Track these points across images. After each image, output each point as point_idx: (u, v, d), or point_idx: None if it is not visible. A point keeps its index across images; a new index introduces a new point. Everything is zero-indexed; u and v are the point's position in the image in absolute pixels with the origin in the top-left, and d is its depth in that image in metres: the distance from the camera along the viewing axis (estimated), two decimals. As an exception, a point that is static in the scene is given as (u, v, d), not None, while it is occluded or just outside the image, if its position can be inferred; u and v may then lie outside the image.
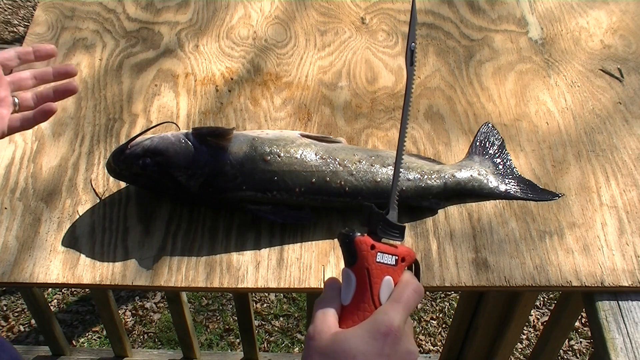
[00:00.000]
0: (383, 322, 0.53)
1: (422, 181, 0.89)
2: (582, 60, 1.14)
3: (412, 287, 0.56)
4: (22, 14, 3.04)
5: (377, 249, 0.57)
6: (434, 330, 1.92)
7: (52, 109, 0.76)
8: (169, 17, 1.21)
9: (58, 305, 1.97)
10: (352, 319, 0.55)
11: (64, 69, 0.81)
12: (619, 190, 0.94)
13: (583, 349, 1.88)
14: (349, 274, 0.57)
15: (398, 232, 0.61)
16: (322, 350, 0.53)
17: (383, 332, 0.52)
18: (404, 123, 0.66)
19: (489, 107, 1.05)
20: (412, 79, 0.66)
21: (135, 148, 0.86)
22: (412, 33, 0.67)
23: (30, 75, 0.79)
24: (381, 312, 0.54)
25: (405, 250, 0.59)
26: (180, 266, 0.85)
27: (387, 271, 0.57)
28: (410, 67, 0.66)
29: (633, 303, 0.83)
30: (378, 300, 0.56)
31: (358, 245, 0.56)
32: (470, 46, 1.16)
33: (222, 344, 1.88)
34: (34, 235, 0.87)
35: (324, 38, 1.17)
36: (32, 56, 0.80)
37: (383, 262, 0.57)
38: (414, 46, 0.66)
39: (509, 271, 0.84)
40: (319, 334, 0.54)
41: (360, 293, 0.56)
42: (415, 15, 0.68)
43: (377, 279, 0.56)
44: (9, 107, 0.76)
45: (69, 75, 0.81)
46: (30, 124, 0.77)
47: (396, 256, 0.58)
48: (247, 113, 1.04)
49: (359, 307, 0.55)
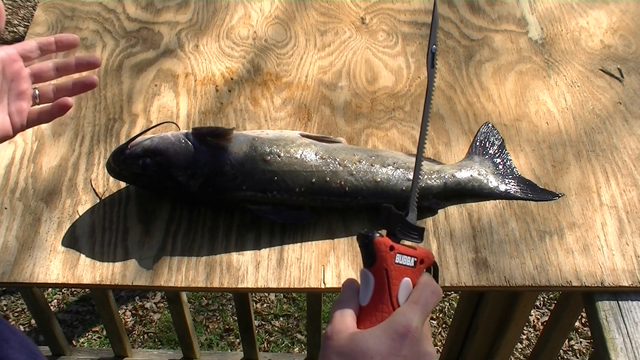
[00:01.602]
0: (401, 323, 0.53)
1: (422, 181, 0.89)
2: (582, 60, 1.14)
3: (431, 289, 0.56)
4: (22, 14, 3.04)
5: (396, 250, 0.56)
6: (434, 330, 1.92)
7: (68, 103, 0.74)
8: (169, 17, 1.21)
9: (58, 305, 1.97)
10: (370, 320, 0.55)
11: (86, 59, 0.78)
12: (619, 190, 0.94)
13: (583, 349, 1.88)
14: (367, 274, 0.56)
15: (417, 234, 0.61)
16: (340, 350, 0.52)
17: (401, 332, 0.52)
18: (424, 125, 0.65)
19: (489, 107, 1.05)
20: (433, 81, 0.66)
21: (135, 148, 0.86)
22: (433, 35, 0.66)
23: (52, 67, 0.77)
24: (399, 313, 0.54)
25: (424, 252, 0.59)
26: (180, 266, 0.85)
27: (405, 273, 0.57)
28: (432, 70, 0.66)
29: (633, 303, 0.83)
30: (396, 301, 0.55)
31: (377, 246, 0.56)
32: (470, 46, 1.16)
33: (222, 344, 1.88)
34: (34, 235, 0.87)
35: (324, 38, 1.17)
36: (53, 47, 0.77)
37: (402, 264, 0.56)
38: (434, 48, 0.66)
39: (509, 271, 0.84)
40: (337, 334, 0.53)
41: (378, 294, 0.55)
42: (437, 18, 0.67)
43: (395, 280, 0.56)
44: (29, 100, 0.74)
45: (92, 66, 0.78)
46: (48, 118, 0.75)
47: (415, 258, 0.58)
48: (247, 113, 1.04)
49: (377, 308, 0.55)
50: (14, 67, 0.72)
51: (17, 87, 0.73)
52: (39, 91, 0.76)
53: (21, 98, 0.73)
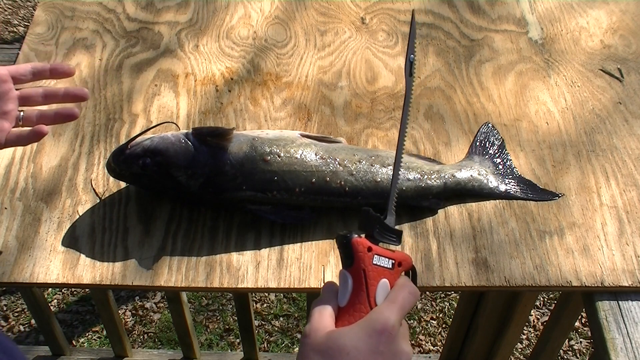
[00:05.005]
0: (378, 320, 0.53)
1: (422, 181, 0.89)
2: (582, 60, 1.14)
3: (409, 290, 0.57)
4: (22, 14, 3.05)
5: (373, 251, 0.57)
6: (434, 330, 1.92)
7: (43, 131, 0.76)
8: (169, 17, 1.21)
9: (58, 305, 1.97)
10: (348, 320, 0.55)
11: (75, 92, 0.80)
12: (619, 190, 0.94)
13: (583, 349, 1.88)
14: (345, 275, 0.57)
15: (395, 237, 0.62)
16: (317, 347, 0.53)
17: (378, 330, 0.53)
18: (402, 132, 0.66)
19: (489, 107, 1.05)
20: (411, 89, 0.67)
21: (135, 148, 0.86)
22: (411, 45, 0.68)
23: (41, 93, 0.79)
24: (377, 311, 0.55)
25: (402, 255, 0.60)
26: (180, 266, 0.85)
27: (383, 274, 0.57)
28: (410, 78, 0.68)
29: (633, 303, 0.83)
30: (374, 301, 0.56)
31: (355, 246, 0.57)
32: (470, 46, 1.16)
33: (222, 344, 1.88)
34: (34, 235, 0.87)
35: (324, 38, 1.17)
36: (47, 74, 0.80)
37: (380, 265, 0.57)
38: (413, 58, 0.68)
39: (509, 271, 0.84)
40: (315, 332, 0.54)
41: (356, 294, 0.56)
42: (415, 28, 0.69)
43: (373, 280, 0.56)
44: (12, 121, 0.77)
45: (79, 99, 0.81)
46: (24, 142, 0.77)
47: (393, 260, 0.58)
48: (247, 113, 1.04)
49: (355, 308, 0.56)
50: (3, 87, 0.76)
51: (3, 106, 0.76)
52: (24, 113, 0.78)
53: (4, 117, 0.76)
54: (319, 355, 0.52)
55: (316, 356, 0.52)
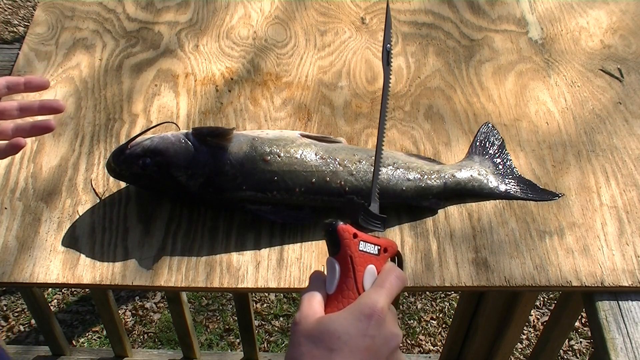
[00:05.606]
0: (367, 304, 0.54)
1: (422, 181, 0.89)
2: (582, 60, 1.14)
3: (395, 274, 0.58)
4: (22, 14, 3.05)
5: (359, 237, 0.58)
6: (434, 330, 1.92)
7: (21, 144, 0.75)
8: (169, 17, 1.21)
9: (58, 305, 1.97)
10: (337, 306, 0.56)
11: (50, 104, 0.79)
12: (619, 190, 0.94)
13: (583, 349, 1.88)
14: (332, 262, 0.58)
15: (379, 223, 0.63)
16: (308, 333, 0.54)
17: (367, 313, 0.54)
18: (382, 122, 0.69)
19: (489, 107, 1.05)
20: (389, 78, 0.71)
21: (135, 148, 0.86)
22: (387, 34, 0.71)
23: (16, 106, 0.78)
24: (365, 296, 0.56)
25: (387, 241, 0.61)
26: (180, 266, 0.85)
27: (370, 260, 0.58)
28: (387, 67, 0.71)
29: (633, 303, 0.83)
30: (362, 287, 0.57)
31: (341, 233, 0.57)
32: (470, 46, 1.16)
33: (222, 344, 1.88)
34: (34, 235, 0.87)
35: (324, 38, 1.17)
36: (22, 87, 0.78)
37: (366, 251, 0.58)
38: (389, 47, 0.71)
39: (509, 271, 0.84)
40: (305, 318, 0.55)
41: (344, 281, 0.57)
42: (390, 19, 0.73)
43: (360, 267, 0.57)
44: None
45: (54, 111, 0.79)
46: (1, 156, 0.76)
47: (379, 246, 0.59)
48: (247, 113, 1.04)
49: (343, 294, 0.56)
50: None
51: None
52: None
53: None
54: (309, 341, 0.53)
55: (307, 342, 0.53)
